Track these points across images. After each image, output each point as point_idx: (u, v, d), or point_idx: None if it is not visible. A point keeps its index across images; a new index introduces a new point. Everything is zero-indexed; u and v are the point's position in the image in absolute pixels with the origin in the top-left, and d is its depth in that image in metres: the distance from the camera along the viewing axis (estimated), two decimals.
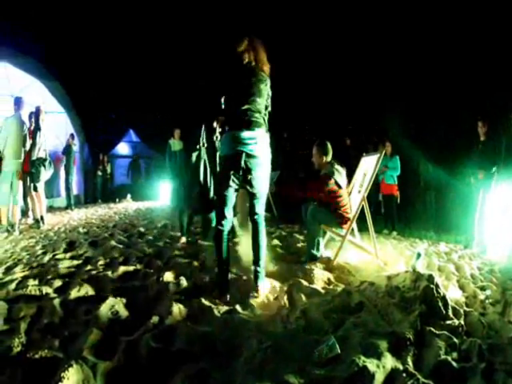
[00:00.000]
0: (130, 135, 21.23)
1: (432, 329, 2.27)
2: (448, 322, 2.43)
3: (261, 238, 3.22)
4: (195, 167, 4.10)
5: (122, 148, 21.48)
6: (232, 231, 5.15)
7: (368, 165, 4.90)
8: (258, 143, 3.10)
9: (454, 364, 1.97)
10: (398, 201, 7.73)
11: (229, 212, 3.18)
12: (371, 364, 1.88)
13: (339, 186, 4.50)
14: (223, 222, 3.14)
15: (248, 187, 3.21)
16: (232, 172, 3.08)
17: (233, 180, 3.11)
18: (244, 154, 3.06)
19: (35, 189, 7.13)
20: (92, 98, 15.13)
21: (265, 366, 1.97)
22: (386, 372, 1.89)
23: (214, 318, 2.53)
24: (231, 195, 3.18)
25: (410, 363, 1.98)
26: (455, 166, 7.40)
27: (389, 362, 1.94)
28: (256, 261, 3.19)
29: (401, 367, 1.93)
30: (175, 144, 10.19)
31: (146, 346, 2.10)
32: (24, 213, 8.08)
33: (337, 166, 4.57)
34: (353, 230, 4.83)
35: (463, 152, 7.16)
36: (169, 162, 10.39)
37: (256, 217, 3.25)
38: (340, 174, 4.54)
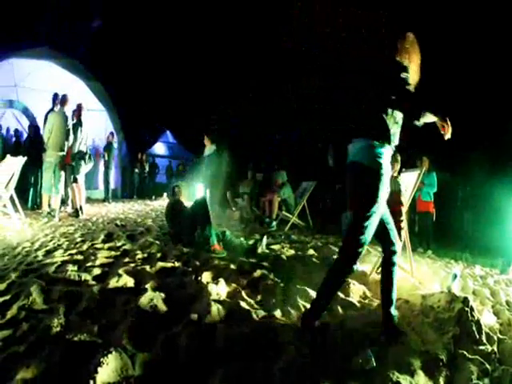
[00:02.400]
0: (166, 136, 21.59)
1: (465, 352, 2.28)
2: (481, 347, 2.43)
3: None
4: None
5: (159, 148, 21.86)
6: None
7: (408, 181, 4.80)
8: None
9: None
10: (434, 218, 7.56)
11: None
12: (405, 380, 1.92)
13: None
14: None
15: None
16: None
17: None
18: None
19: (75, 180, 7.36)
20: (132, 98, 15.42)
21: (303, 371, 1.97)
22: None
23: (252, 321, 2.52)
24: None
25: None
26: (495, 185, 7.14)
27: (421, 380, 1.99)
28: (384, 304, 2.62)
29: None
30: (205, 149, 10.33)
31: (185, 342, 2.11)
32: (64, 202, 8.29)
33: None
34: None
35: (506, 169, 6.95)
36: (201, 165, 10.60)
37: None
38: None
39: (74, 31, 12.29)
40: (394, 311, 2.55)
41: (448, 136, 2.38)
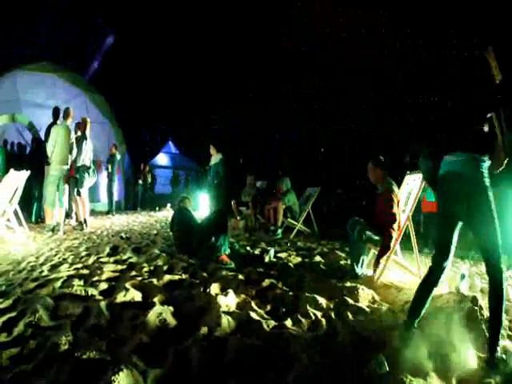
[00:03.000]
0: (169, 146, 21.66)
1: (476, 351, 2.30)
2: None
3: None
4: None
5: (162, 159, 21.90)
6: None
7: (413, 183, 4.76)
8: None
9: None
10: None
11: None
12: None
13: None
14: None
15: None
16: None
17: None
18: None
19: (79, 193, 7.36)
20: (134, 110, 15.53)
21: (316, 380, 1.95)
22: None
23: (263, 331, 2.47)
24: None
25: None
26: (497, 183, 7.07)
27: (435, 382, 2.00)
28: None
29: None
30: (211, 159, 10.36)
31: (196, 356, 2.07)
32: (68, 215, 8.28)
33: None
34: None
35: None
36: (208, 175, 10.60)
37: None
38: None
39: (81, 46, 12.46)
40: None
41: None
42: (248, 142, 17.19)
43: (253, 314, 2.71)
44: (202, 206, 12.13)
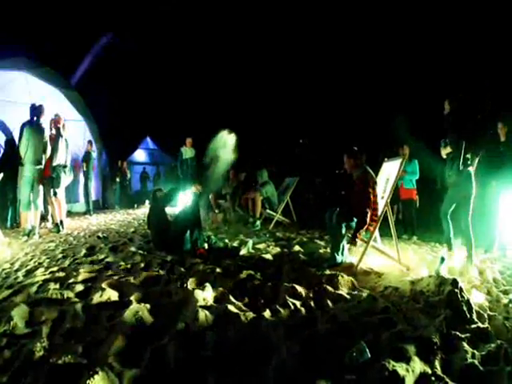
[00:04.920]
0: (146, 142, 21.38)
1: (458, 333, 2.30)
2: (473, 325, 2.47)
3: None
4: None
5: (139, 155, 21.62)
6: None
7: (390, 170, 4.83)
8: None
9: (481, 368, 2.00)
10: (418, 205, 7.62)
11: None
12: (401, 368, 1.90)
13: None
14: None
15: None
16: None
17: None
18: None
19: (55, 194, 7.18)
20: (109, 106, 15.27)
21: (295, 372, 1.94)
22: (416, 376, 1.92)
23: (241, 324, 2.45)
24: None
25: (438, 367, 2.01)
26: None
27: (418, 366, 1.98)
28: None
29: (429, 371, 1.96)
30: (187, 151, 10.31)
31: (173, 354, 2.05)
32: (44, 217, 8.11)
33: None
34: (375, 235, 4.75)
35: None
36: (180, 168, 10.53)
37: None
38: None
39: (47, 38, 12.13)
40: None
41: None
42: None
43: (230, 307, 2.68)
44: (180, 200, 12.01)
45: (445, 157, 5.15)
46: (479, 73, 10.19)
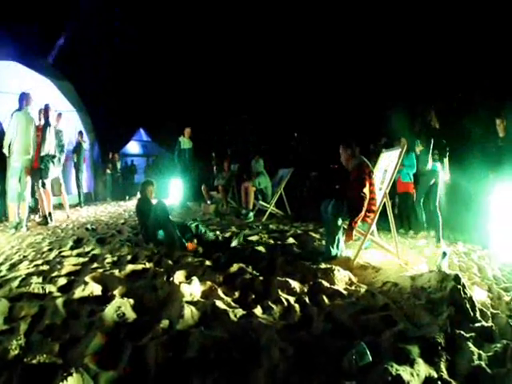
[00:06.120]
0: (140, 134, 21.19)
1: (462, 332, 2.16)
2: (477, 324, 2.33)
3: None
4: None
5: (133, 147, 21.41)
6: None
7: (389, 160, 4.70)
8: None
9: (489, 370, 1.85)
10: (414, 199, 7.52)
11: None
12: (405, 372, 1.74)
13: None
14: None
15: None
16: None
17: None
18: None
19: (43, 185, 6.99)
20: (102, 96, 15.06)
21: (288, 377, 1.78)
22: (421, 380, 1.77)
23: (230, 322, 2.29)
24: None
25: (444, 370, 1.86)
26: (465, 165, 7.11)
27: (422, 369, 1.82)
28: None
29: (435, 375, 1.81)
30: (185, 142, 10.18)
31: (154, 354, 1.90)
32: (33, 210, 7.93)
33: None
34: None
35: (475, 150, 6.99)
36: (177, 158, 10.38)
37: None
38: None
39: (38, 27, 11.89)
40: None
41: None
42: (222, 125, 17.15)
43: (219, 303, 2.51)
44: (173, 191, 11.85)
45: (418, 153, 6.31)
46: (476, 69, 10.11)
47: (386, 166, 4.70)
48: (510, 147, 5.56)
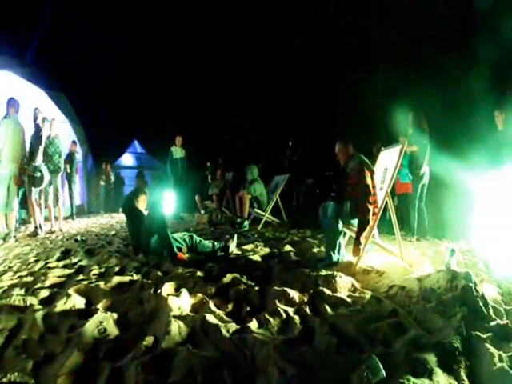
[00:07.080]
0: (134, 146, 21.11)
1: (479, 333, 1.98)
2: (492, 323, 2.16)
3: None
4: None
5: (127, 159, 21.31)
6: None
7: (389, 158, 4.52)
8: None
9: None
10: None
11: None
12: None
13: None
14: None
15: None
16: None
17: None
18: None
19: (38, 193, 6.88)
20: (96, 108, 14.98)
21: None
22: None
23: (221, 339, 2.07)
24: None
25: (465, 377, 1.70)
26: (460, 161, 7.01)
27: (442, 379, 1.66)
28: None
29: None
30: (177, 151, 10.02)
31: (134, 377, 1.68)
32: (24, 221, 7.73)
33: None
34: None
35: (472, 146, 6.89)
36: (170, 169, 10.20)
37: None
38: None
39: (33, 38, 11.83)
40: None
41: None
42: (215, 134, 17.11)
43: (209, 317, 2.28)
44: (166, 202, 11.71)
45: (408, 153, 6.19)
46: None
47: (386, 164, 4.52)
48: (509, 140, 5.47)
